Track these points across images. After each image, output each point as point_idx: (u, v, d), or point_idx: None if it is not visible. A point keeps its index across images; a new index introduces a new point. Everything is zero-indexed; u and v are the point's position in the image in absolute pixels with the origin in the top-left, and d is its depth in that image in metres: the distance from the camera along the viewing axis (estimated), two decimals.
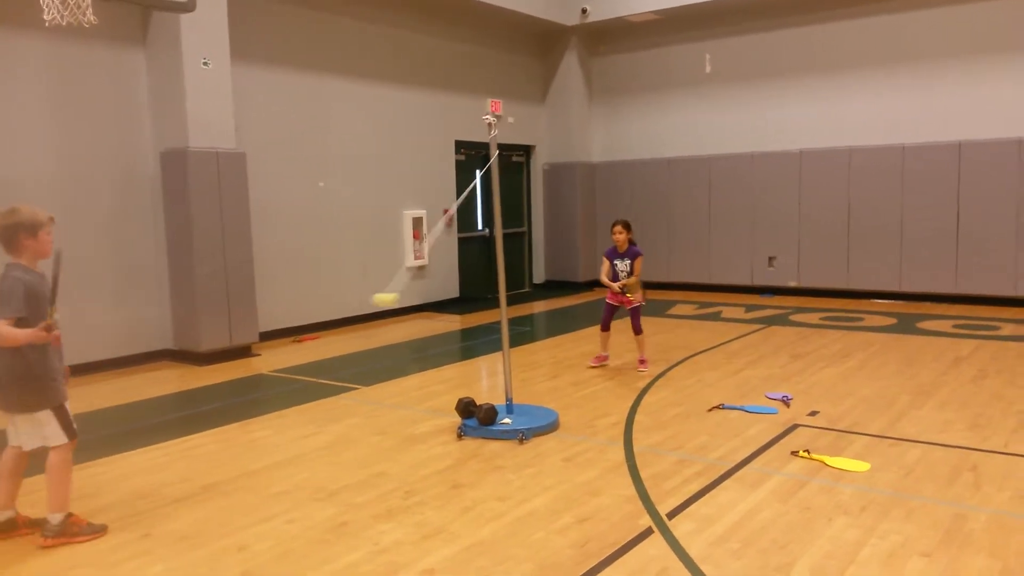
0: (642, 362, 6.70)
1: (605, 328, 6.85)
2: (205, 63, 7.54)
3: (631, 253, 6.70)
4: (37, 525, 3.58)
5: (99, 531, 3.60)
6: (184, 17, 7.18)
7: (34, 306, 3.44)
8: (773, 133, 11.27)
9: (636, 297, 6.66)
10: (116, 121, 7.51)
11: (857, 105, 10.64)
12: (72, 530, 3.54)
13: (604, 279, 6.75)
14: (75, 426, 3.62)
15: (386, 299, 4.71)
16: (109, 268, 7.43)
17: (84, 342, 7.14)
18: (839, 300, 10.60)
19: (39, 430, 3.53)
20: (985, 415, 5.15)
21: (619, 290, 6.64)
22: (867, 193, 10.53)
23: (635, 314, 6.70)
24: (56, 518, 3.52)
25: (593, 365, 6.88)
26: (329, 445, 4.91)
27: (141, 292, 7.67)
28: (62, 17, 5.19)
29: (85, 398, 6.36)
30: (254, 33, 8.45)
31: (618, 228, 6.72)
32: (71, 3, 5.23)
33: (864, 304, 10.26)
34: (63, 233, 7.10)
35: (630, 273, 6.69)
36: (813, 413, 5.28)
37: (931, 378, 6.19)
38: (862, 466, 4.22)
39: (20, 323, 3.38)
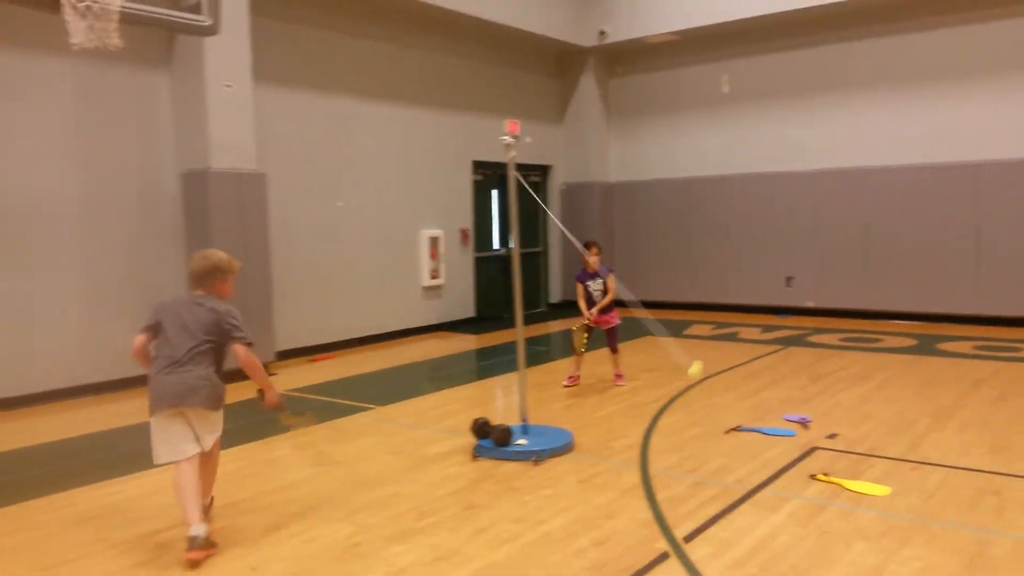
0: (619, 376, 6.77)
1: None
2: (227, 85, 7.66)
3: (603, 272, 6.72)
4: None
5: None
6: (207, 40, 7.29)
7: None
8: (790, 153, 11.25)
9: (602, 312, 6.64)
10: (139, 142, 7.63)
11: (874, 125, 10.61)
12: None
13: (584, 305, 6.71)
14: None
15: (695, 371, 5.56)
16: (131, 288, 7.52)
17: (108, 361, 7.22)
18: (857, 321, 10.51)
19: (214, 427, 3.83)
20: (1007, 438, 5.07)
21: (591, 316, 6.63)
22: (885, 213, 10.47)
23: (613, 334, 6.77)
24: (209, 499, 4.00)
25: (566, 385, 6.87)
26: (345, 464, 4.91)
27: None
28: (89, 41, 5.29)
29: (106, 417, 6.42)
30: (275, 55, 8.58)
31: (595, 249, 6.74)
32: (97, 27, 5.33)
33: (883, 325, 10.16)
34: (86, 253, 7.27)
35: (604, 292, 6.71)
36: (832, 436, 5.23)
37: (951, 400, 6.12)
38: (882, 490, 4.17)
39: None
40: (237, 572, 3.42)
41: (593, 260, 6.69)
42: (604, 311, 6.72)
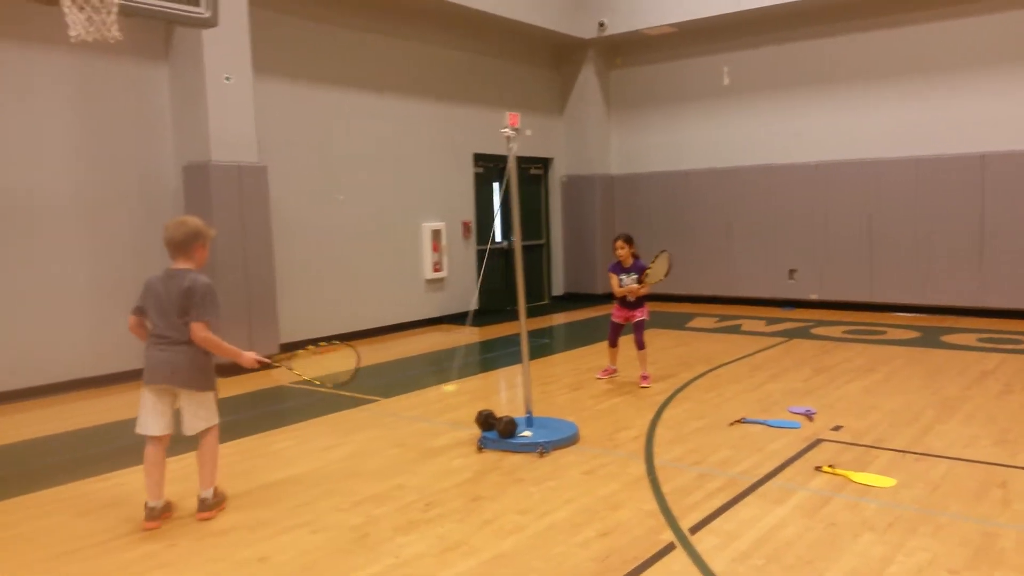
0: (644, 378, 6.59)
1: (613, 345, 6.87)
2: (227, 78, 7.63)
3: (637, 268, 6.61)
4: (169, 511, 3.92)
5: (225, 499, 4.06)
6: (206, 33, 7.26)
7: None
8: (793, 145, 11.22)
9: (657, 276, 6.53)
10: (139, 136, 7.61)
11: (877, 116, 10.58)
12: (220, 500, 3.99)
13: (619, 291, 6.67)
14: None
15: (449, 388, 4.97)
16: (135, 281, 7.43)
17: (108, 354, 7.22)
18: (862, 313, 10.50)
19: (200, 411, 3.88)
20: (1013, 430, 5.06)
21: (632, 298, 6.56)
22: (889, 205, 10.45)
23: (639, 329, 6.63)
24: (211, 492, 3.93)
25: (600, 377, 6.90)
26: (349, 456, 4.91)
27: None
28: (87, 34, 5.26)
29: (109, 409, 6.43)
30: (275, 48, 8.54)
31: (619, 243, 6.62)
32: (96, 20, 5.30)
33: (887, 317, 10.15)
34: (90, 246, 7.26)
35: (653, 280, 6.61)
36: (837, 428, 5.22)
37: (956, 392, 6.11)
38: (887, 482, 4.17)
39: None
40: (246, 563, 3.42)
41: (623, 253, 6.60)
42: (633, 306, 6.65)
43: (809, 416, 5.48)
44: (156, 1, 6.13)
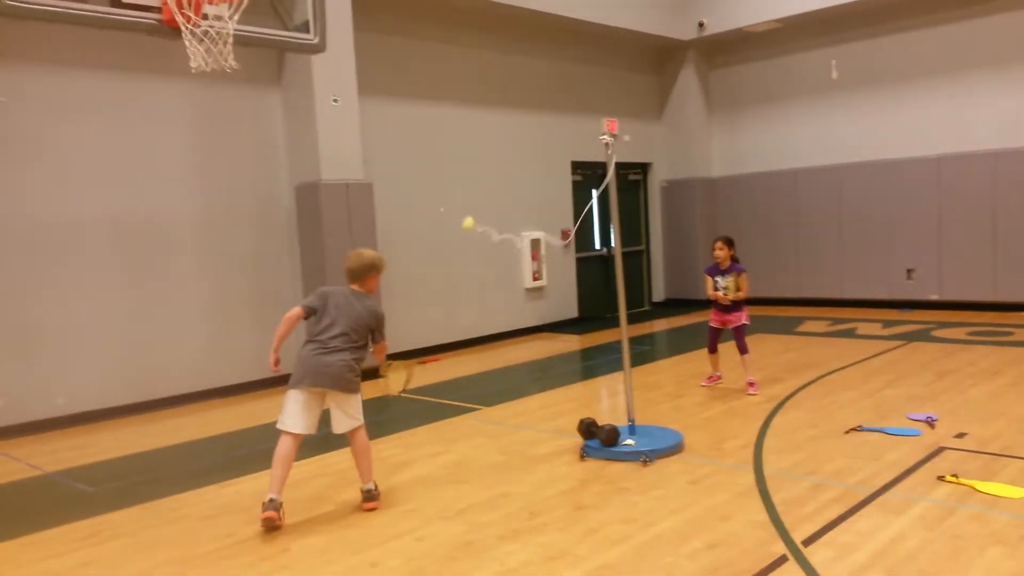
0: (751, 384, 6.41)
1: (712, 351, 6.71)
2: (335, 100, 7.95)
3: (734, 270, 6.46)
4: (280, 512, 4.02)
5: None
6: (315, 58, 7.59)
7: None
8: (907, 139, 10.68)
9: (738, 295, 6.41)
10: (255, 158, 8.02)
11: (999, 106, 9.93)
12: (378, 493, 4.27)
13: (712, 294, 6.55)
14: None
15: (468, 224, 5.09)
16: (252, 296, 7.91)
17: (227, 366, 7.62)
18: (986, 313, 9.87)
19: (351, 411, 4.16)
20: None
21: (726, 302, 6.43)
22: (1014, 199, 9.79)
23: (739, 333, 6.45)
24: (373, 484, 4.25)
25: (704, 384, 6.74)
26: (454, 464, 5.01)
27: (277, 318, 8.07)
28: (207, 64, 5.61)
29: (226, 419, 6.78)
30: (378, 68, 8.84)
31: (719, 244, 6.54)
32: (214, 51, 5.64)
33: (1014, 317, 9.50)
34: (211, 264, 7.68)
35: (735, 290, 6.45)
36: (961, 435, 4.93)
37: None
38: (1017, 492, 3.90)
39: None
40: (358, 568, 3.54)
41: (721, 255, 6.51)
42: (729, 310, 6.51)
43: (930, 423, 5.20)
44: (269, 31, 6.47)
